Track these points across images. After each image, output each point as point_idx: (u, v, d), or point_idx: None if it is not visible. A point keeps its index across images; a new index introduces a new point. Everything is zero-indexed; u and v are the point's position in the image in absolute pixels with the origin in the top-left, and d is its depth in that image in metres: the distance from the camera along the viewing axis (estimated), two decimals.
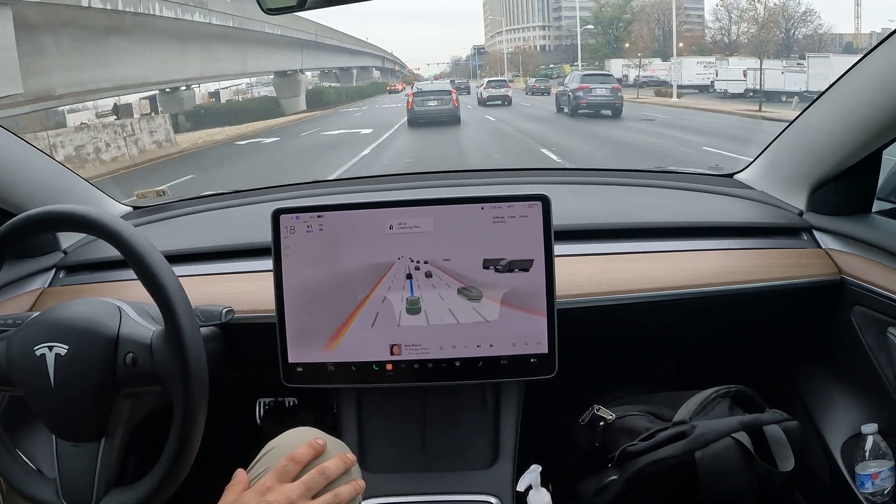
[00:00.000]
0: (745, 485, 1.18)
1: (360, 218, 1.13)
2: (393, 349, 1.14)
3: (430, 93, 18.30)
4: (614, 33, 44.14)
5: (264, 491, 0.85)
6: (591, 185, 1.70)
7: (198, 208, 1.68)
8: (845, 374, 1.31)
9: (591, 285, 1.24)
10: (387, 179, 1.83)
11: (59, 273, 1.42)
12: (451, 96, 17.75)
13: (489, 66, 59.91)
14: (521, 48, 58.65)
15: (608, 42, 44.21)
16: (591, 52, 44.59)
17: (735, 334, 1.41)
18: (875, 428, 1.20)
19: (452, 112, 17.28)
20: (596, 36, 45.91)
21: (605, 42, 44.61)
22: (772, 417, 1.24)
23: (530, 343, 1.13)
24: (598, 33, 45.54)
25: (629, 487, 1.21)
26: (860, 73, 1.15)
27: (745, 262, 1.30)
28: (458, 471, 1.20)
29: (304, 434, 0.95)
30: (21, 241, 0.93)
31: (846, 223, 1.30)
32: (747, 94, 23.11)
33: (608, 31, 44.69)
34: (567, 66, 44.09)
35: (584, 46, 46.03)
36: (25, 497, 0.93)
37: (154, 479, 0.88)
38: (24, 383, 0.91)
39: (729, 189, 1.56)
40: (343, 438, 1.05)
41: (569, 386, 1.22)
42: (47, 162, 1.42)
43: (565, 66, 45.13)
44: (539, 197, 1.11)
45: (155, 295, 0.87)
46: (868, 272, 1.20)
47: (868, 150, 1.21)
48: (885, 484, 1.18)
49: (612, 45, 43.55)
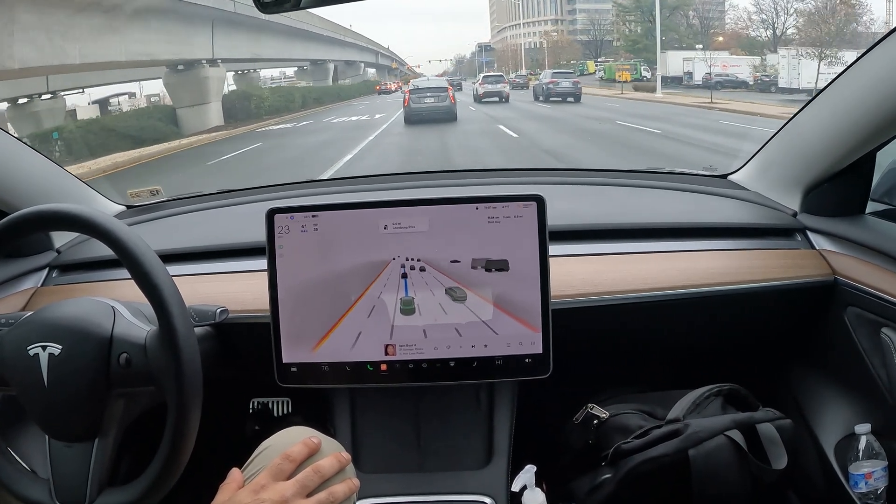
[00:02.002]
0: (738, 483, 1.18)
1: (355, 218, 1.13)
2: (387, 349, 1.14)
3: (427, 90, 18.16)
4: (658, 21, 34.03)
5: (259, 489, 0.85)
6: (585, 186, 1.70)
7: (192, 207, 1.68)
8: (839, 374, 1.31)
9: (585, 285, 1.24)
10: (381, 179, 1.83)
11: (52, 272, 1.42)
12: (448, 93, 17.63)
13: (499, 62, 54.18)
14: (553, 41, 48.94)
15: (648, 32, 35.22)
16: (630, 44, 36.29)
17: (728, 335, 1.41)
18: (868, 428, 1.20)
19: (449, 109, 17.17)
20: (630, 24, 38.36)
21: (644, 32, 36.11)
22: (765, 416, 1.24)
23: (525, 343, 1.13)
24: (637, 21, 37.66)
25: (623, 486, 1.21)
26: (854, 75, 1.16)
27: (738, 263, 1.31)
28: (452, 471, 1.20)
29: (299, 433, 0.95)
30: (14, 241, 0.93)
31: (840, 224, 1.31)
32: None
33: (648, 18, 35.92)
34: (591, 63, 38.89)
35: (620, 37, 38.45)
36: (18, 497, 0.92)
37: (148, 479, 0.88)
38: (17, 383, 0.90)
39: (723, 190, 1.57)
40: (337, 438, 1.05)
41: (562, 386, 1.22)
42: (40, 160, 1.42)
43: (589, 63, 39.09)
44: (534, 197, 1.11)
45: (149, 294, 0.87)
46: (861, 273, 1.21)
47: (862, 151, 1.21)
48: (878, 484, 1.18)
49: (653, 36, 33.62)
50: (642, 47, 34.54)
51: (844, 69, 1.18)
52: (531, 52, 52.27)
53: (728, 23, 35.26)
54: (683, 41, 32.84)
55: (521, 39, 55.26)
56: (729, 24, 35.09)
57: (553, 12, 54.11)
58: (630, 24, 38.66)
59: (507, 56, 55.24)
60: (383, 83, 43.65)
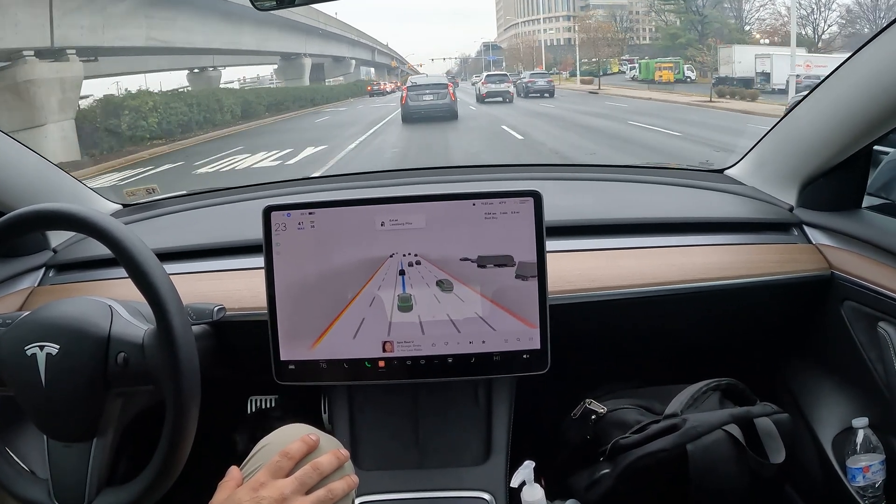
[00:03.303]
0: (736, 477, 1.19)
1: (352, 215, 1.13)
2: (385, 346, 1.14)
3: (426, 87, 17.24)
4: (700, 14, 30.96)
5: (257, 487, 0.85)
6: (582, 181, 1.70)
7: (188, 206, 1.67)
8: (836, 368, 1.31)
9: (582, 281, 1.24)
10: (378, 176, 1.82)
11: (48, 272, 1.41)
12: (448, 90, 16.81)
13: (510, 60, 51.46)
14: (590, 27, 41.32)
15: (690, 25, 31.34)
16: (668, 39, 31.63)
17: (726, 329, 1.41)
18: (866, 422, 1.21)
19: (449, 107, 16.39)
20: (666, 14, 33.99)
21: (685, 25, 31.86)
22: (762, 410, 1.25)
23: (522, 339, 1.13)
24: (677, 11, 33.03)
25: (621, 481, 1.22)
26: (850, 69, 1.16)
27: (735, 258, 1.31)
28: (450, 467, 1.20)
29: (297, 430, 0.95)
30: (10, 240, 0.93)
31: (836, 219, 1.31)
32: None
33: (691, 8, 32.00)
34: (614, 61, 35.38)
35: (657, 31, 34.19)
36: (17, 498, 0.92)
37: (146, 478, 0.88)
38: (14, 383, 0.90)
39: (719, 185, 1.57)
40: (335, 435, 1.05)
41: (560, 381, 1.22)
42: (36, 159, 1.41)
43: (612, 62, 35.65)
44: (531, 193, 1.11)
45: (146, 293, 0.87)
46: (858, 267, 1.21)
47: (858, 146, 1.21)
48: (875, 477, 1.19)
49: (698, 29, 30.68)
50: (684, 42, 30.11)
51: (840, 64, 1.18)
52: (554, 50, 48.62)
53: (766, 18, 31.66)
54: (733, 35, 28.52)
55: (543, 35, 52.35)
56: (767, 19, 31.46)
57: (564, 8, 51.81)
58: (667, 16, 34.36)
59: (517, 54, 52.48)
60: (375, 83, 39.69)
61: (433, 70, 56.02)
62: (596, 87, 27.96)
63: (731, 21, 31.08)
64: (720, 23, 30.39)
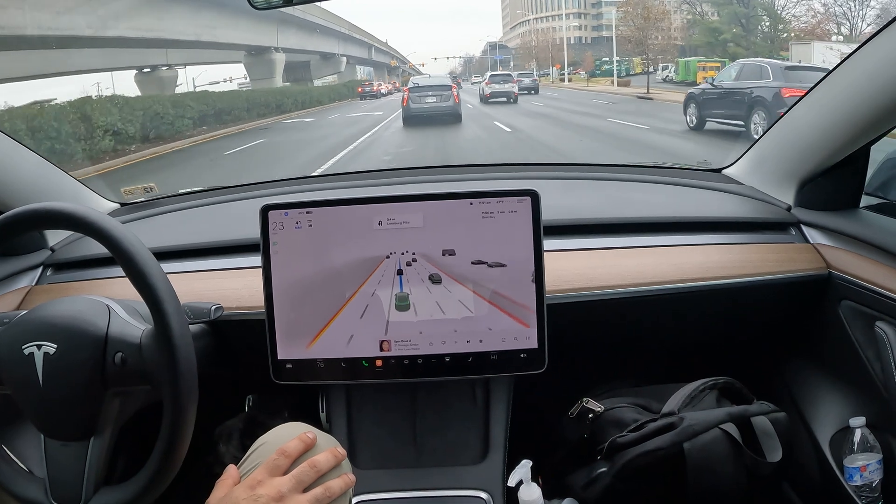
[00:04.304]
0: (733, 475, 1.19)
1: (349, 214, 1.13)
2: (382, 345, 1.14)
3: (428, 88, 16.30)
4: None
5: (255, 485, 0.85)
6: (580, 181, 1.70)
7: (186, 205, 1.67)
8: (833, 368, 1.32)
9: (580, 280, 1.24)
10: (375, 175, 1.82)
11: (46, 271, 1.41)
12: (452, 92, 15.82)
13: (522, 58, 48.08)
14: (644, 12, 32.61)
15: (733, 20, 26.79)
16: (708, 35, 27.45)
17: (723, 329, 1.42)
18: (863, 421, 1.21)
19: (453, 109, 15.43)
20: (700, 6, 28.97)
21: (728, 19, 27.18)
22: (759, 409, 1.25)
23: (520, 338, 1.13)
24: (718, 3, 28.02)
25: (618, 479, 1.22)
26: (849, 69, 1.16)
27: (733, 257, 1.31)
28: (448, 466, 1.20)
29: (295, 429, 0.95)
30: (7, 239, 0.93)
31: (834, 218, 1.31)
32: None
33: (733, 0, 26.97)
34: (637, 60, 30.17)
35: (696, 26, 28.90)
36: (14, 496, 0.92)
37: (144, 477, 0.88)
38: (12, 382, 0.90)
39: (717, 184, 1.57)
40: (333, 434, 1.05)
41: (558, 380, 1.22)
42: (33, 158, 1.41)
43: (635, 60, 30.69)
44: (528, 192, 1.11)
45: (144, 293, 0.87)
46: (856, 267, 1.21)
47: (856, 145, 1.22)
48: (873, 477, 1.19)
49: (742, 23, 26.34)
50: (729, 38, 26.14)
51: (838, 63, 1.18)
52: (574, 48, 43.16)
53: (801, 14, 26.68)
54: (773, 35, 25.47)
55: (564, 33, 47.86)
56: (802, 15, 26.53)
57: (575, 5, 49.06)
58: (702, 8, 29.57)
59: (529, 51, 48.81)
60: (367, 83, 34.60)
61: (436, 70, 54.19)
62: (644, 90, 21.90)
63: (765, 18, 27.04)
64: (771, 15, 25.92)
